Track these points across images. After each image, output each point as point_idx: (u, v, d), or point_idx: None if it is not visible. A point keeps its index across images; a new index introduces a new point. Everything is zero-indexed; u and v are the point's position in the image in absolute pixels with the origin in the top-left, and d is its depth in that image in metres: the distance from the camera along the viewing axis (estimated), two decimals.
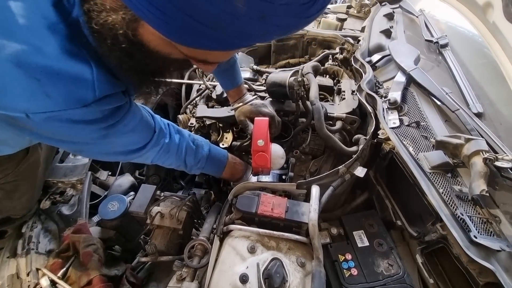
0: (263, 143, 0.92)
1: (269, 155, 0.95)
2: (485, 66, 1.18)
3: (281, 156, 1.04)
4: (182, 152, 0.88)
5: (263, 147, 0.92)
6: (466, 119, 0.92)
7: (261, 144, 0.92)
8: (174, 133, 0.86)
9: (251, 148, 0.94)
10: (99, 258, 0.86)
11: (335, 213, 1.09)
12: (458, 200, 0.77)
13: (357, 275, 0.84)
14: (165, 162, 0.87)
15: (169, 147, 0.83)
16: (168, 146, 0.83)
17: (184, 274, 0.81)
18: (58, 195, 1.11)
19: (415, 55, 1.20)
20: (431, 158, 0.86)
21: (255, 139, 0.93)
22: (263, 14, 0.36)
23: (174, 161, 0.88)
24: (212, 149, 0.97)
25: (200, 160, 0.93)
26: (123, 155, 0.74)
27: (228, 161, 1.02)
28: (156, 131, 0.78)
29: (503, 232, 0.72)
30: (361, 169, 0.92)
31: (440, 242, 0.79)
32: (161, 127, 0.81)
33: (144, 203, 1.01)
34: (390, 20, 1.56)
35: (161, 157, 0.83)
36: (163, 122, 0.84)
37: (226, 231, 0.85)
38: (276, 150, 1.03)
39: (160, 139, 0.80)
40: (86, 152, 0.73)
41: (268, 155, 0.93)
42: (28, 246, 0.94)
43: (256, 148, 0.92)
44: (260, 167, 0.95)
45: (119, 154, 0.73)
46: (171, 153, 0.85)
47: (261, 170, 0.98)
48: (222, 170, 1.01)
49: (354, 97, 1.22)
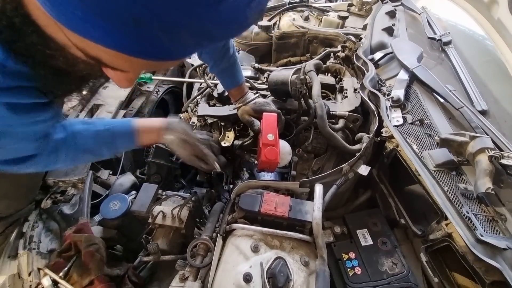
0: (273, 137, 0.92)
1: (279, 150, 0.94)
2: (489, 63, 1.18)
3: (289, 152, 1.03)
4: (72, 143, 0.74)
5: (273, 141, 0.92)
6: (470, 116, 0.91)
7: (271, 138, 0.92)
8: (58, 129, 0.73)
9: (260, 142, 0.93)
10: (101, 258, 0.86)
11: (338, 212, 1.08)
12: (463, 198, 0.77)
13: (361, 274, 0.84)
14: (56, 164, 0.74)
15: (57, 148, 0.72)
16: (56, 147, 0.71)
17: (187, 273, 0.80)
18: (59, 195, 1.10)
19: (418, 53, 1.19)
20: (435, 156, 0.85)
21: (265, 133, 0.92)
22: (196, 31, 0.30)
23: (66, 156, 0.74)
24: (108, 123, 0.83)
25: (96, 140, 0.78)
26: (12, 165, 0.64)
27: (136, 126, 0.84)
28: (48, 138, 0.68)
29: (509, 230, 0.71)
30: (364, 167, 0.92)
31: (445, 240, 0.78)
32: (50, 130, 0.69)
33: (146, 202, 1.01)
34: (392, 18, 1.55)
35: (54, 160, 0.72)
36: None
37: (229, 230, 0.84)
38: (283, 146, 1.02)
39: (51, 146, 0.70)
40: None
41: (278, 149, 0.93)
42: (29, 245, 0.93)
43: (266, 142, 0.92)
44: (270, 161, 0.93)
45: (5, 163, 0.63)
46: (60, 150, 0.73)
47: (268, 166, 0.97)
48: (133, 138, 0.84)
49: (357, 95, 1.21)
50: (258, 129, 1.06)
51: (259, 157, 1.00)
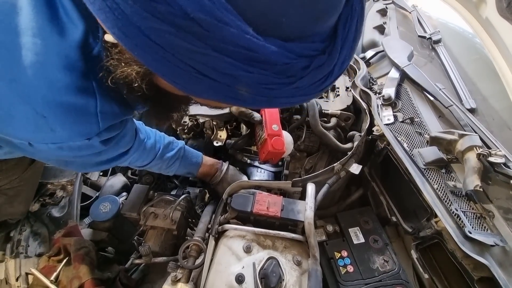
0: (277, 127, 0.93)
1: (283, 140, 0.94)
2: (477, 62, 1.19)
3: (292, 142, 1.03)
4: (159, 149, 0.88)
5: (278, 132, 0.93)
6: (459, 114, 0.92)
7: (276, 129, 0.93)
8: (150, 131, 0.87)
9: (265, 133, 0.93)
10: (91, 261, 0.84)
11: (330, 210, 1.09)
12: (452, 195, 0.78)
13: (353, 272, 0.84)
14: (143, 162, 0.87)
15: (145, 146, 0.83)
16: (145, 145, 0.82)
17: (179, 275, 0.79)
18: (47, 197, 1.07)
19: (408, 51, 1.20)
20: (425, 154, 0.86)
21: (269, 123, 0.92)
22: (268, 98, 0.36)
23: (151, 159, 0.87)
24: (187, 148, 1.00)
25: (175, 158, 0.93)
26: (106, 164, 0.72)
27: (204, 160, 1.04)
28: (136, 134, 0.77)
29: (497, 227, 0.73)
30: (356, 166, 0.92)
31: (434, 237, 0.79)
32: (138, 127, 0.80)
33: (137, 204, 0.99)
34: (383, 16, 1.55)
35: (140, 157, 0.83)
36: (137, 122, 0.83)
37: (221, 230, 0.84)
38: (286, 136, 1.02)
39: (140, 140, 0.79)
40: (70, 166, 0.69)
41: (283, 139, 0.93)
42: (17, 250, 0.91)
43: (271, 133, 0.92)
44: (278, 151, 0.93)
45: (102, 163, 0.71)
46: (148, 151, 0.85)
47: (273, 156, 0.97)
48: (197, 168, 1.03)
49: (349, 94, 1.21)
50: (258, 120, 1.05)
51: (261, 149, 0.99)
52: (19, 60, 0.41)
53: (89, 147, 0.56)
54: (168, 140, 0.92)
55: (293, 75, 0.35)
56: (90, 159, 0.65)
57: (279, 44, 0.32)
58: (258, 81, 0.34)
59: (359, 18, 0.37)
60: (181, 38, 0.30)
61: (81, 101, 0.47)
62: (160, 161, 0.90)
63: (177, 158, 0.94)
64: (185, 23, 0.29)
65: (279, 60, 0.33)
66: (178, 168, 0.97)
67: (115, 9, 0.30)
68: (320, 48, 0.35)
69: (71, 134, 0.50)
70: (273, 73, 0.33)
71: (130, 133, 0.71)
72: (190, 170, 1.03)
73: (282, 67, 0.33)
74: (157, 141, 0.88)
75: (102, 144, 0.57)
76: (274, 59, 0.32)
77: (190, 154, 1.00)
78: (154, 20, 0.29)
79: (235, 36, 0.30)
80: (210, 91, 0.36)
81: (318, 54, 0.35)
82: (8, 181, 0.84)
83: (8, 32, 0.40)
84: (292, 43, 0.33)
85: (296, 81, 0.35)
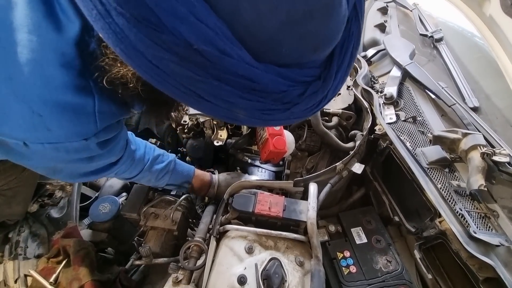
0: (279, 127, 0.91)
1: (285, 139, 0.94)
2: (480, 60, 1.18)
3: (293, 141, 1.03)
4: (147, 161, 0.84)
5: (280, 131, 0.92)
6: (462, 113, 0.91)
7: (277, 128, 0.92)
8: (140, 142, 0.84)
9: (267, 132, 0.92)
10: (91, 263, 0.83)
11: (332, 210, 1.08)
12: (456, 195, 0.77)
13: (356, 273, 0.83)
14: (131, 173, 0.83)
15: (133, 157, 0.79)
16: (133, 157, 0.79)
17: (180, 276, 0.78)
18: (46, 198, 1.06)
19: (410, 50, 1.19)
20: (428, 153, 0.85)
21: None
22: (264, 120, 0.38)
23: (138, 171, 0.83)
24: (178, 162, 0.97)
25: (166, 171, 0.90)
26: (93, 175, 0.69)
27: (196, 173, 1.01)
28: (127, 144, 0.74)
29: (501, 226, 0.72)
30: (358, 166, 0.91)
31: (438, 237, 0.78)
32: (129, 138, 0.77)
33: (137, 204, 0.98)
34: (384, 14, 1.55)
35: (128, 168, 0.79)
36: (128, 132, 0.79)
37: (222, 231, 0.83)
38: (287, 135, 1.01)
39: (130, 151, 0.77)
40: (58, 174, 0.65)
41: (284, 138, 0.92)
42: (16, 251, 0.90)
43: (273, 132, 0.92)
44: (279, 150, 0.92)
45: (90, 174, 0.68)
46: (137, 163, 0.81)
47: (275, 156, 0.96)
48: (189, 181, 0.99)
49: (350, 93, 1.20)
50: None
51: (263, 148, 0.98)
52: (15, 58, 0.40)
53: (85, 149, 0.55)
54: (158, 153, 0.89)
55: (289, 101, 0.36)
56: (80, 167, 0.63)
57: (276, 71, 0.34)
58: (255, 107, 0.35)
59: (356, 41, 0.38)
60: (183, 67, 0.31)
61: (79, 101, 0.46)
62: (149, 173, 0.86)
63: (167, 172, 0.90)
64: (188, 53, 0.30)
65: (276, 88, 0.34)
66: (169, 181, 0.94)
67: (118, 33, 0.30)
68: (316, 73, 0.37)
69: (67, 133, 0.49)
70: (270, 101, 0.35)
71: (123, 141, 0.69)
72: (182, 184, 0.99)
73: (279, 95, 0.35)
74: (146, 153, 0.84)
75: (98, 147, 0.56)
76: (272, 87, 0.34)
77: (181, 168, 0.97)
78: (158, 49, 0.29)
79: (235, 66, 0.31)
80: (208, 111, 0.37)
81: (314, 80, 0.37)
82: (6, 182, 0.83)
83: (2, 28, 0.39)
84: (289, 69, 0.35)
85: (291, 107, 0.37)
